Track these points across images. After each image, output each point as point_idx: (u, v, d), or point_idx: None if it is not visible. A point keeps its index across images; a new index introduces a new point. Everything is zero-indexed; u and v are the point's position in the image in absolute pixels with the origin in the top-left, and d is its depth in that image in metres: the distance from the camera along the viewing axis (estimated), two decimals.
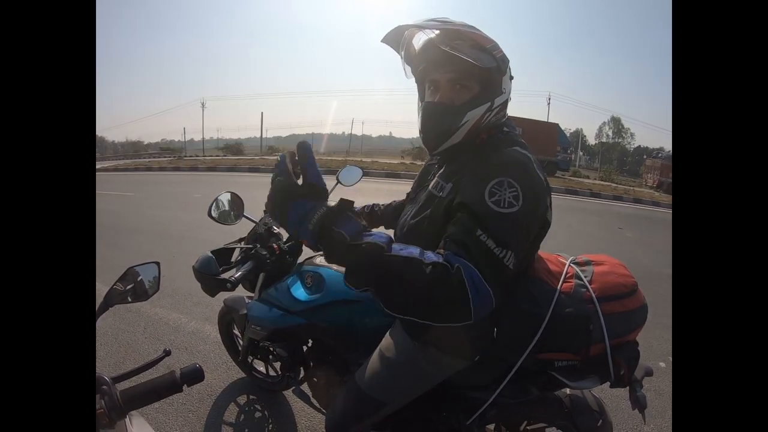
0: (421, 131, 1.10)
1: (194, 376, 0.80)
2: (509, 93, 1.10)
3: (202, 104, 42.11)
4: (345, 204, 0.81)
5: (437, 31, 1.01)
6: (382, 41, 1.09)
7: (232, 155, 28.31)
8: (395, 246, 0.83)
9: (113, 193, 9.92)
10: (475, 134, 1.07)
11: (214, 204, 1.68)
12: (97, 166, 20.69)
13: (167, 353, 0.92)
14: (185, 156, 29.02)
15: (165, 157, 29.90)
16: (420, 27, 1.02)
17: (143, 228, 6.17)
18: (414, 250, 0.82)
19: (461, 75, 1.02)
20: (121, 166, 20.74)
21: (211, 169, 16.93)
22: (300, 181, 0.82)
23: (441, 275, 0.80)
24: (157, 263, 1.07)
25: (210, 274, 1.44)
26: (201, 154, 31.84)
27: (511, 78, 1.10)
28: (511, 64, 1.08)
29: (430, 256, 0.83)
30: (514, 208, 0.89)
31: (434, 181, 1.13)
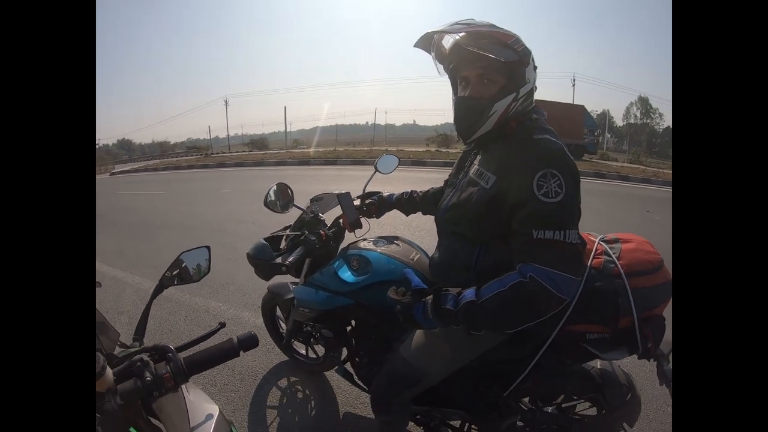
0: (455, 123, 1.22)
1: (250, 342, 0.87)
2: (534, 82, 1.18)
3: (226, 102, 42.53)
4: (437, 289, 1.11)
5: (463, 34, 1.12)
6: (415, 46, 1.23)
7: (257, 150, 28.67)
8: (483, 290, 1.06)
9: (144, 192, 10.24)
10: (504, 122, 1.17)
11: (267, 195, 1.79)
12: (127, 168, 21.15)
13: (222, 325, 1.01)
14: (212, 153, 29.47)
15: (192, 155, 30.40)
16: (446, 32, 1.14)
17: (174, 223, 6.41)
18: (495, 285, 1.05)
19: (487, 70, 1.14)
20: (150, 166, 21.29)
21: (239, 164, 17.19)
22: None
23: (521, 291, 1.01)
24: (208, 247, 1.19)
25: (265, 259, 1.56)
26: (227, 151, 32.28)
27: (535, 68, 1.18)
28: (535, 51, 1.16)
29: (507, 279, 1.04)
30: (560, 195, 1.01)
31: (475, 168, 1.22)
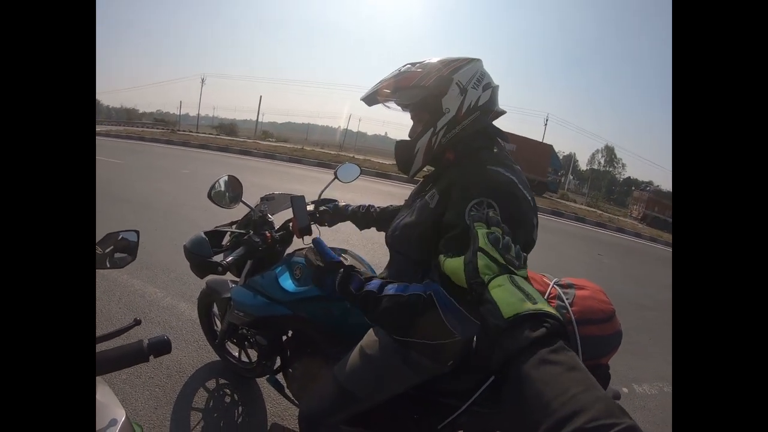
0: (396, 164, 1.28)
1: (161, 347, 0.80)
2: (460, 109, 1.13)
3: (202, 80, 41.53)
4: (350, 267, 1.11)
5: (377, 96, 1.23)
6: (370, 107, 1.32)
7: (225, 135, 28.06)
8: (388, 287, 1.04)
9: (102, 159, 9.73)
10: (433, 156, 1.19)
11: (213, 186, 1.68)
12: None
13: (137, 322, 0.91)
14: (179, 130, 28.59)
15: (158, 128, 29.41)
16: (367, 95, 1.25)
17: (129, 197, 6.08)
18: (399, 287, 1.03)
19: (413, 112, 1.24)
20: (113, 132, 20.34)
21: (203, 146, 16.73)
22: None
23: (415, 302, 0.98)
24: (137, 231, 1.08)
25: (202, 255, 1.44)
26: (195, 130, 31.35)
27: (464, 91, 1.12)
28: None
29: (411, 287, 1.02)
30: None
31: (431, 192, 1.17)
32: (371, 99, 1.25)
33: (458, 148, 1.16)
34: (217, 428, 1.96)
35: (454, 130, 1.15)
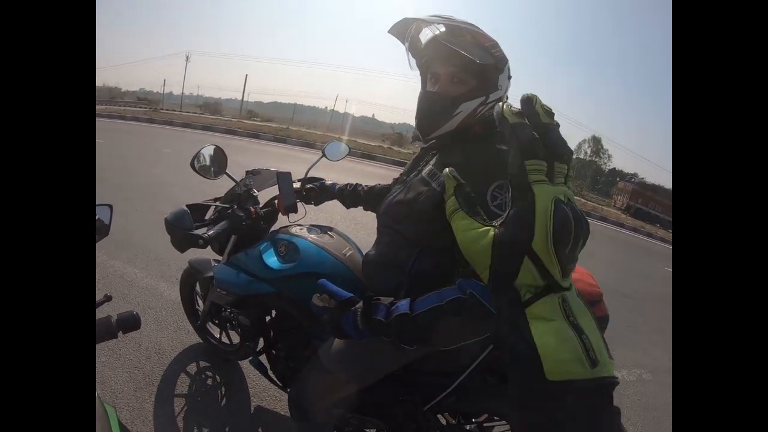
0: (417, 117, 1.15)
1: (130, 323, 0.78)
2: (505, 90, 1.13)
3: (187, 57, 40.57)
4: (369, 297, 1.00)
5: (442, 27, 1.07)
6: (389, 32, 1.15)
7: (210, 114, 27.64)
8: (418, 303, 0.95)
9: None
10: (468, 125, 1.10)
11: (197, 156, 1.61)
12: None
13: (108, 298, 0.89)
14: (162, 109, 28.03)
15: (141, 107, 28.80)
16: (426, 22, 1.08)
17: (108, 178, 5.89)
18: (432, 298, 0.94)
19: (460, 69, 1.07)
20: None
21: (186, 125, 16.48)
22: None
23: (459, 307, 0.91)
24: (110, 206, 1.01)
25: (183, 228, 1.38)
26: (178, 109, 30.80)
27: (509, 77, 1.13)
28: (510, 65, 1.13)
29: (445, 294, 0.93)
30: None
31: (429, 168, 1.13)
32: (404, 29, 1.13)
33: (485, 125, 1.12)
34: (199, 411, 1.92)
35: (496, 108, 1.11)
